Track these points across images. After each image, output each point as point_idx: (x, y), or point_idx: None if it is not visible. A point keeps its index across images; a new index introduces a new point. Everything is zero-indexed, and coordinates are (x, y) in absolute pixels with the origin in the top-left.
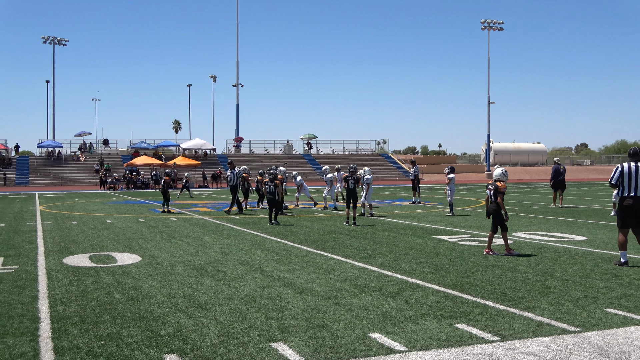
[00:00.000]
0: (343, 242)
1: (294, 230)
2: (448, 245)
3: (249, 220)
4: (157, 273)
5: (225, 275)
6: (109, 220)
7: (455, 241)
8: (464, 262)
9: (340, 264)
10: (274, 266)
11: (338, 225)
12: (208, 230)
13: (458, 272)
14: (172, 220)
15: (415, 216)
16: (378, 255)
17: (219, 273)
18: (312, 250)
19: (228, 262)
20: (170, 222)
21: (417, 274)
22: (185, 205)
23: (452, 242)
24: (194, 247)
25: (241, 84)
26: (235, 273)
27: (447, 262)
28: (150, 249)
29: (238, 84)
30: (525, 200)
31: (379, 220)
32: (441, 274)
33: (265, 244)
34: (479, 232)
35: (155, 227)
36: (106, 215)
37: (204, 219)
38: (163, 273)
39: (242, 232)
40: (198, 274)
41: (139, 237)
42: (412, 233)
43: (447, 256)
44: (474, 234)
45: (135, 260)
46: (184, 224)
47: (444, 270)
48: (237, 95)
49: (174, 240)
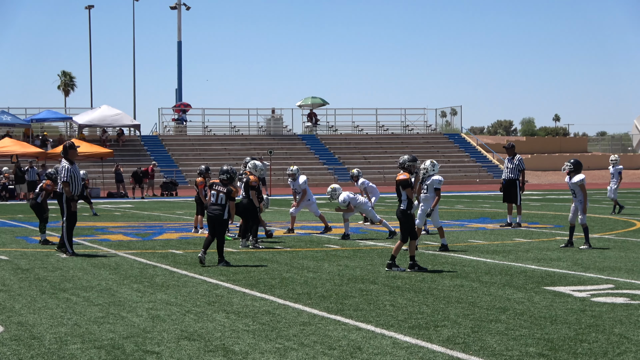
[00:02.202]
0: (377, 298)
1: (286, 276)
2: (573, 305)
3: (207, 256)
4: (32, 356)
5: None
6: None
7: (586, 296)
8: (603, 336)
9: (372, 339)
10: (249, 343)
11: (368, 266)
12: (127, 277)
13: (592, 355)
14: (59, 258)
15: (511, 250)
16: (443, 322)
17: (149, 357)
18: (318, 314)
19: (164, 335)
20: (57, 262)
21: (516, 357)
22: (84, 230)
23: (580, 299)
24: (100, 307)
25: (186, 5)
26: (177, 356)
27: (572, 335)
28: (19, 310)
29: (180, 2)
30: None
31: (444, 258)
32: (560, 359)
33: (232, 302)
34: (629, 280)
35: (29, 270)
36: None
37: (118, 255)
38: (43, 356)
39: (190, 279)
40: (108, 358)
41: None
42: (506, 282)
43: (571, 325)
44: (619, 283)
45: None
46: (82, 264)
47: (564, 350)
48: (179, 28)
49: (63, 294)
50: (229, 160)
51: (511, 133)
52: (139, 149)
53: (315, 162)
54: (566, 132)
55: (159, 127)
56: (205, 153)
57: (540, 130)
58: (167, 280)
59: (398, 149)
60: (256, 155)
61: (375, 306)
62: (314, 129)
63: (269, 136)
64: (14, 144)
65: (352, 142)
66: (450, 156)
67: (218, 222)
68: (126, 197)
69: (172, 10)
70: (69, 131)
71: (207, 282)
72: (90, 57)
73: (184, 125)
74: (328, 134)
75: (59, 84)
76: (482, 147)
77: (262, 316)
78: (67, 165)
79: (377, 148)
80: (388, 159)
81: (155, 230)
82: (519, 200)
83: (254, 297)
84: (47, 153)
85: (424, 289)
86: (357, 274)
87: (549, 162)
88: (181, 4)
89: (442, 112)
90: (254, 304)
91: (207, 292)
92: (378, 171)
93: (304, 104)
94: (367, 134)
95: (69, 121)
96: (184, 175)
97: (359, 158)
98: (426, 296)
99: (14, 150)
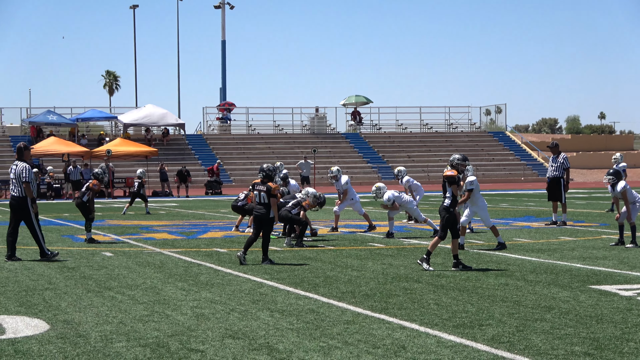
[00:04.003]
0: (422, 296)
1: (330, 274)
2: (619, 304)
3: (248, 256)
4: (78, 354)
5: (204, 358)
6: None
7: (633, 295)
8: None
9: (416, 338)
10: (293, 342)
11: (412, 265)
12: (171, 275)
13: (639, 354)
14: (105, 256)
15: (556, 249)
16: (487, 321)
17: (193, 355)
18: (362, 312)
19: (209, 333)
20: (102, 261)
21: (562, 356)
22: (129, 229)
23: (626, 298)
24: (145, 305)
25: (230, 4)
26: (222, 354)
27: (618, 334)
28: (65, 309)
29: (224, 2)
30: None
31: (489, 257)
32: (606, 358)
33: (276, 301)
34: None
35: (75, 269)
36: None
37: (163, 253)
38: (88, 354)
39: (234, 277)
40: (153, 356)
41: (44, 288)
42: (551, 281)
43: (617, 324)
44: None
45: (39, 330)
46: (128, 262)
47: (610, 350)
48: (223, 27)
49: (108, 293)
50: (273, 159)
51: (556, 131)
52: (183, 148)
53: (359, 161)
54: (612, 130)
55: (204, 126)
56: (249, 152)
57: (586, 128)
58: (211, 279)
59: (442, 147)
60: (300, 154)
61: (420, 305)
62: (358, 128)
63: (312, 135)
64: (59, 143)
65: (396, 141)
66: (495, 154)
67: (264, 222)
68: (171, 195)
69: (216, 9)
70: (114, 130)
71: (252, 281)
72: (135, 57)
73: (228, 124)
74: (372, 133)
75: (103, 83)
76: (527, 145)
77: (306, 315)
78: (28, 166)
79: (421, 146)
80: (432, 157)
81: (199, 228)
82: (564, 199)
83: (298, 296)
84: (92, 152)
85: (468, 288)
86: (401, 272)
87: (595, 160)
88: (225, 3)
89: (486, 110)
90: (298, 302)
91: (251, 291)
92: (422, 169)
93: (347, 103)
94: (411, 132)
95: (114, 120)
96: (228, 174)
97: (402, 156)
98: (471, 295)
99: (66, 149)
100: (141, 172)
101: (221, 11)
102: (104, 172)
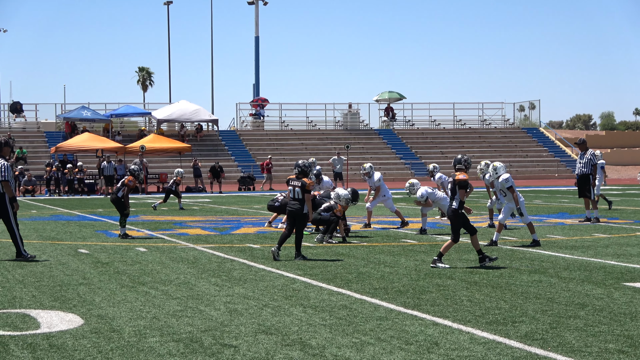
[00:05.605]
0: (455, 293)
1: (362, 271)
2: None
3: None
4: (112, 349)
5: (238, 353)
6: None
7: None
8: None
9: (449, 335)
10: (326, 338)
11: (445, 261)
12: (205, 271)
13: None
14: (139, 251)
15: (590, 246)
16: (521, 318)
17: (226, 350)
18: (395, 309)
19: (242, 329)
20: (136, 256)
21: (595, 354)
22: (163, 224)
23: None
24: (178, 301)
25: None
26: (255, 350)
27: None
28: (99, 303)
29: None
30: None
31: (522, 253)
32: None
33: (309, 296)
34: None
35: (109, 264)
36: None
37: (197, 249)
38: (122, 349)
39: (267, 273)
40: (187, 351)
41: (78, 283)
42: (585, 277)
43: None
44: None
45: (73, 325)
46: (161, 258)
47: None
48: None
49: (142, 288)
50: (306, 155)
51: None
52: (216, 143)
53: (392, 157)
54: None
55: (237, 122)
56: (283, 148)
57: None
58: (244, 275)
59: (475, 143)
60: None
61: (453, 301)
62: (391, 124)
63: (345, 131)
64: (93, 139)
65: (429, 137)
66: (529, 151)
67: (298, 217)
68: (204, 191)
69: (249, 5)
70: (147, 126)
71: (284, 277)
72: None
73: (262, 120)
74: (405, 129)
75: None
76: (561, 142)
77: (339, 311)
78: (7, 164)
79: (455, 143)
80: (466, 153)
81: (232, 224)
82: (592, 195)
83: (330, 292)
84: (126, 148)
85: (501, 285)
86: (432, 269)
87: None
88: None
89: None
90: (331, 298)
91: (284, 287)
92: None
93: (380, 99)
94: (445, 128)
95: (147, 116)
96: (260, 170)
97: (436, 153)
98: (504, 292)
99: (101, 145)
100: (178, 172)
101: (255, 7)
102: (140, 169)
